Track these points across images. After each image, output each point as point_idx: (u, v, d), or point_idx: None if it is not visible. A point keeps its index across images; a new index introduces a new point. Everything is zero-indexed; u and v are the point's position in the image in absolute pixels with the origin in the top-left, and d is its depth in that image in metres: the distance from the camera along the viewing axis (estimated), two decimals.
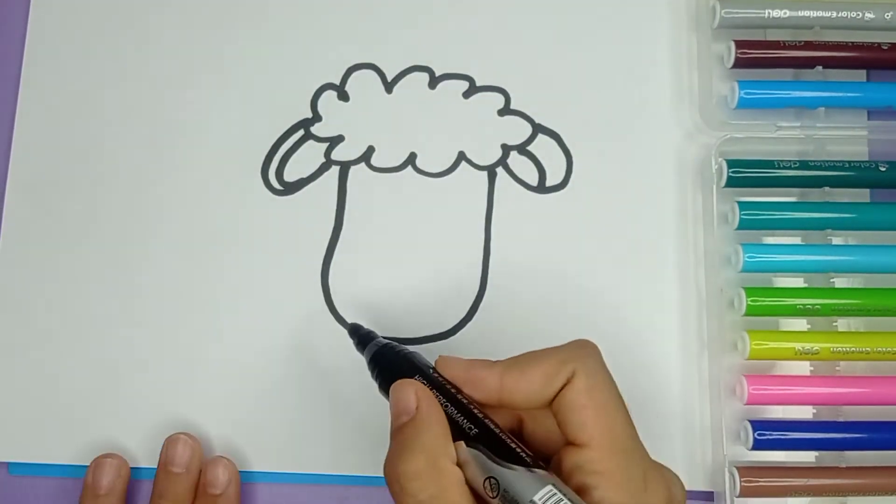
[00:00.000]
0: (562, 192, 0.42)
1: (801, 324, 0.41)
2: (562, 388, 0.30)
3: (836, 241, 0.41)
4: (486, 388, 0.31)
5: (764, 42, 0.42)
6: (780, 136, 0.42)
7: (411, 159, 0.42)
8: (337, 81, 0.43)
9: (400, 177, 0.42)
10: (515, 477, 0.29)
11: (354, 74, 0.43)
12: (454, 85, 0.43)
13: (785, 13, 0.41)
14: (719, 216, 0.41)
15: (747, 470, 0.38)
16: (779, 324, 0.41)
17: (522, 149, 0.43)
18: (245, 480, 0.40)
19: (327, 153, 0.43)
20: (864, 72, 0.43)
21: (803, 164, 0.40)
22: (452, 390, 0.32)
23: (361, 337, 0.36)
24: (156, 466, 0.39)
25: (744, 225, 0.40)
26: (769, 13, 0.41)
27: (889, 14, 0.42)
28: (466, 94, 0.43)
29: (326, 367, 0.40)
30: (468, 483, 0.29)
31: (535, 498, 0.28)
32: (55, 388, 0.40)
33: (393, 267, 0.41)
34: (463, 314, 0.41)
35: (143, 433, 0.40)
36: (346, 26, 0.44)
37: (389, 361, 0.34)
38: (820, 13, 0.42)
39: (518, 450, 0.29)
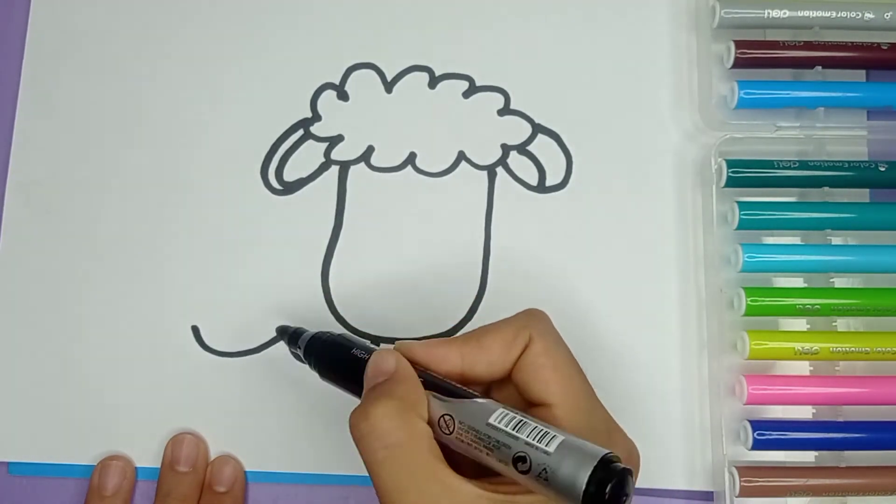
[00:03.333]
0: (562, 191, 0.42)
1: (800, 324, 0.41)
2: (521, 354, 0.31)
3: (836, 241, 0.41)
4: (448, 365, 0.32)
5: (763, 42, 0.42)
6: (780, 136, 0.42)
7: (411, 159, 0.42)
8: (336, 81, 0.43)
9: (400, 176, 0.42)
10: (467, 406, 0.30)
11: (354, 74, 0.43)
12: (454, 85, 0.43)
13: (785, 13, 0.42)
14: (719, 216, 0.41)
15: (747, 470, 0.38)
16: (778, 324, 0.41)
17: (522, 149, 0.43)
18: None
19: (327, 153, 0.43)
20: (863, 72, 0.43)
21: (803, 164, 0.40)
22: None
23: (290, 335, 0.37)
24: (156, 466, 0.39)
25: (743, 225, 0.40)
26: (769, 13, 0.41)
27: (889, 14, 0.42)
28: (466, 94, 0.43)
29: None
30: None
31: (490, 420, 0.29)
32: (55, 388, 0.40)
33: (393, 267, 0.41)
34: (463, 314, 0.41)
35: (144, 433, 0.40)
36: (346, 26, 0.44)
37: (324, 345, 0.35)
38: (820, 13, 0.42)
39: (466, 390, 0.31)
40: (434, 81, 0.43)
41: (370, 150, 0.43)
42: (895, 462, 0.39)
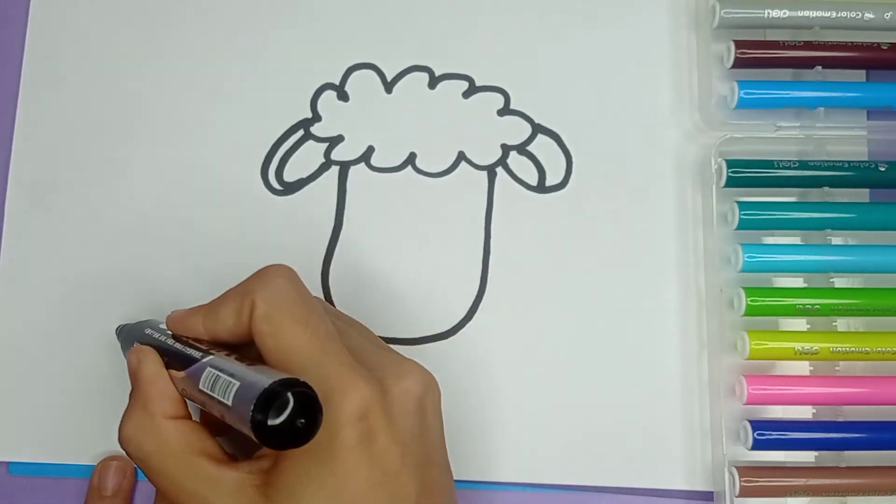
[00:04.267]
0: (562, 191, 0.42)
1: (800, 324, 0.41)
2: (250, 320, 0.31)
3: (836, 241, 0.41)
4: (196, 333, 0.33)
5: (764, 42, 0.42)
6: (780, 136, 0.42)
7: (411, 159, 0.42)
8: (336, 81, 0.43)
9: (400, 177, 0.42)
10: (185, 376, 0.31)
11: (354, 74, 0.43)
12: (454, 85, 0.43)
13: (785, 13, 0.42)
14: (719, 216, 0.41)
15: (747, 470, 0.38)
16: (778, 324, 0.41)
17: (522, 149, 0.43)
18: None
19: (327, 153, 0.43)
20: (863, 72, 0.43)
21: (803, 164, 0.40)
22: (168, 340, 0.33)
23: (119, 331, 0.38)
24: None
25: (743, 225, 0.40)
26: (769, 13, 0.41)
27: (889, 14, 0.42)
28: (466, 94, 0.43)
29: None
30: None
31: (200, 386, 0.29)
32: (55, 387, 0.40)
33: (393, 267, 0.41)
34: (463, 314, 0.41)
35: None
36: (346, 26, 0.44)
37: (124, 339, 0.37)
38: (820, 13, 0.42)
39: (191, 352, 0.31)
40: (434, 81, 0.43)
41: (370, 150, 0.43)
42: (895, 462, 0.39)
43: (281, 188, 0.42)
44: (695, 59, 0.43)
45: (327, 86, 0.43)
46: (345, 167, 0.42)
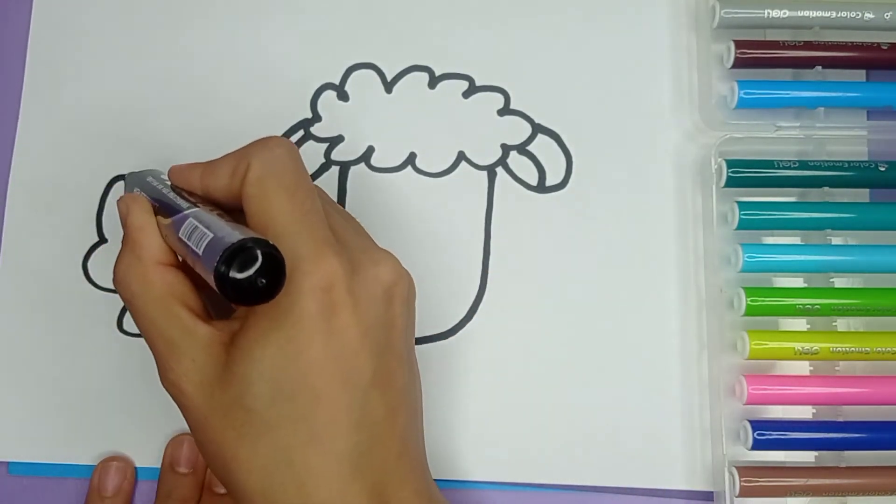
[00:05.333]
0: (562, 192, 0.42)
1: (800, 324, 0.41)
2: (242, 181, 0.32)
3: (836, 241, 0.41)
4: (192, 187, 0.34)
5: (764, 42, 0.42)
6: (780, 136, 0.42)
7: (411, 159, 0.42)
8: (336, 81, 0.43)
9: (400, 177, 0.42)
10: (174, 223, 0.32)
11: (354, 74, 0.43)
12: (454, 85, 0.43)
13: (785, 13, 0.42)
14: (719, 216, 0.41)
15: (747, 470, 0.38)
16: (778, 324, 0.41)
17: (522, 149, 0.43)
18: None
19: (327, 153, 0.43)
20: (863, 72, 0.43)
21: (803, 164, 0.40)
22: (164, 190, 0.34)
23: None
24: (156, 466, 0.39)
25: (743, 225, 0.40)
26: (769, 13, 0.41)
27: (889, 14, 0.42)
28: (466, 94, 0.43)
29: None
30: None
31: (179, 234, 0.31)
32: (55, 388, 0.40)
33: None
34: (463, 314, 0.41)
35: (144, 433, 0.40)
36: (346, 26, 0.44)
37: (128, 184, 0.38)
38: (820, 13, 0.42)
39: (180, 202, 0.32)
40: (434, 81, 0.43)
41: (370, 150, 0.43)
42: (895, 462, 0.39)
43: None
44: (695, 59, 0.43)
45: (327, 86, 0.43)
46: (345, 167, 0.42)
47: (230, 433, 0.30)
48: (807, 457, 0.40)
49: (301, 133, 0.43)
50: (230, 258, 0.27)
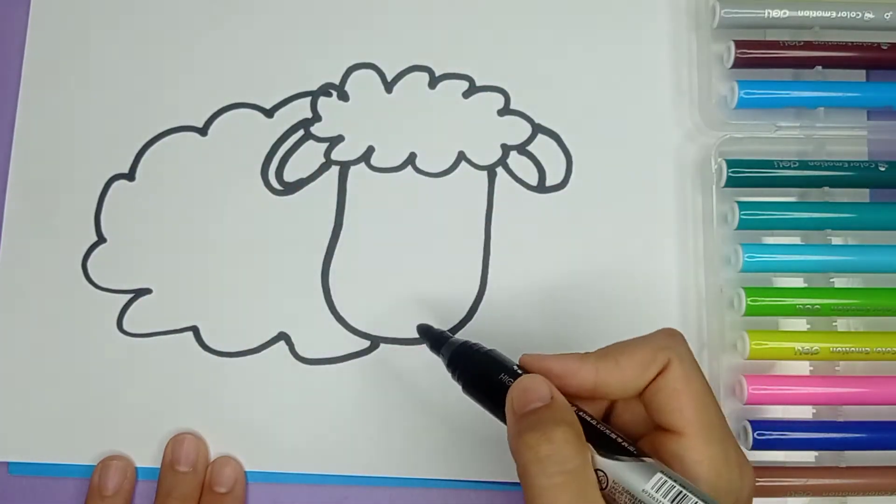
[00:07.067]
0: (561, 192, 0.42)
1: (800, 324, 0.41)
2: (656, 376, 0.31)
3: (836, 241, 0.41)
4: (581, 381, 0.31)
5: (764, 42, 0.42)
6: (780, 136, 0.42)
7: (411, 159, 0.42)
8: (336, 81, 0.43)
9: (400, 177, 0.42)
10: (623, 468, 0.28)
11: (354, 74, 0.43)
12: (454, 85, 0.43)
13: (785, 13, 0.42)
14: (719, 216, 0.41)
15: None
16: (778, 324, 0.41)
17: (522, 149, 0.43)
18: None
19: (327, 153, 0.43)
20: (863, 72, 0.43)
21: (803, 164, 0.40)
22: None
23: (434, 338, 0.35)
24: (156, 466, 0.39)
25: (743, 225, 0.40)
26: (769, 13, 0.42)
27: (889, 14, 0.42)
28: (466, 94, 0.43)
29: (326, 366, 0.40)
30: None
31: (647, 487, 0.28)
32: (55, 387, 0.40)
33: (393, 267, 0.41)
34: (463, 314, 0.41)
35: (144, 433, 0.40)
36: (346, 26, 0.44)
37: (472, 361, 0.33)
38: (819, 13, 0.42)
39: (621, 440, 0.29)
40: (434, 81, 0.43)
41: (370, 150, 0.43)
42: (895, 462, 0.39)
43: (281, 188, 0.42)
44: (695, 59, 0.43)
45: (327, 86, 0.43)
46: (345, 167, 0.42)
47: None
48: (807, 457, 0.40)
49: (301, 133, 0.43)
50: None
